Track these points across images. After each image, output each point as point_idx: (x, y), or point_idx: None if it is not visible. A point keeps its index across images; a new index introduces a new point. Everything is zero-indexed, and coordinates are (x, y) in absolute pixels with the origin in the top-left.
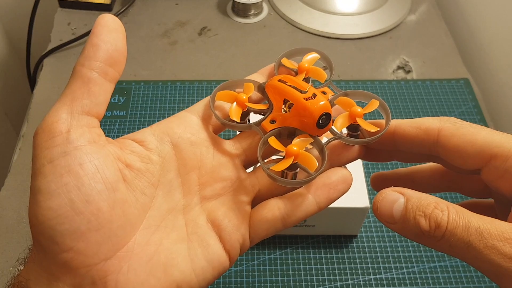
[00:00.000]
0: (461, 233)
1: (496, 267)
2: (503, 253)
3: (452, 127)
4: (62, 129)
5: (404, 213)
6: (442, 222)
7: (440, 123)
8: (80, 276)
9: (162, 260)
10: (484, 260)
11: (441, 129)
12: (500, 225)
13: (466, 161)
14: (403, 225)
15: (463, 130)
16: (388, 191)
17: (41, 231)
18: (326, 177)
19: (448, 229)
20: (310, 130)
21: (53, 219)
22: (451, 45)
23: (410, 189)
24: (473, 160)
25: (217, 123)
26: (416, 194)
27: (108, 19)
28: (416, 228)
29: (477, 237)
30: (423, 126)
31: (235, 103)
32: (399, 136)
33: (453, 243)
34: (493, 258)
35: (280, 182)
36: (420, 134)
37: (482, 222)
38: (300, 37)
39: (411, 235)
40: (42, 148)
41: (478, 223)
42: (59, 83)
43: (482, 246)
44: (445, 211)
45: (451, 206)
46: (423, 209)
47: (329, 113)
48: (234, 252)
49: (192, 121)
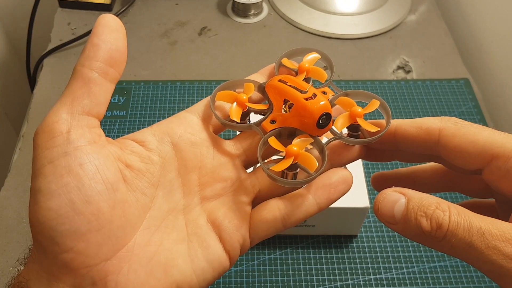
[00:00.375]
0: (463, 233)
1: (498, 268)
2: (504, 254)
3: (454, 127)
4: (63, 129)
5: (405, 214)
6: (444, 223)
7: (441, 123)
8: (81, 276)
9: (162, 261)
10: (486, 260)
11: (442, 129)
12: (501, 226)
13: (467, 161)
14: (404, 226)
15: (465, 130)
16: (389, 191)
17: (41, 232)
18: (326, 178)
19: (450, 230)
20: (310, 130)
21: (54, 220)
22: (451, 45)
23: (411, 190)
24: (474, 160)
25: (217, 123)
26: (417, 194)
27: (109, 19)
28: (418, 229)
29: (478, 237)
30: (424, 126)
31: (235, 103)
32: (400, 136)
33: (455, 243)
34: (495, 258)
35: (280, 182)
36: (421, 134)
37: (483, 222)
38: (300, 37)
39: (412, 236)
40: (43, 148)
41: (479, 224)
42: (59, 83)
43: (484, 247)
44: (447, 212)
45: (453, 206)
46: (425, 209)
47: (329, 113)
48: (234, 252)
49: (193, 121)
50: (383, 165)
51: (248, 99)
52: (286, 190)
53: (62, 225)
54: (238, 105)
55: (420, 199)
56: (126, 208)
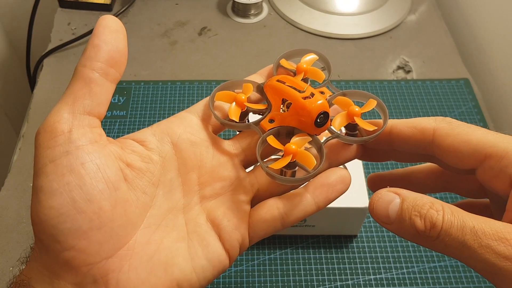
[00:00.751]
0: (456, 232)
1: (491, 266)
2: (497, 252)
3: (447, 127)
4: (64, 129)
5: (399, 213)
6: (437, 222)
7: (435, 123)
8: (82, 274)
9: (162, 259)
10: (479, 259)
11: (436, 129)
12: (494, 225)
13: (461, 161)
14: (399, 225)
15: (458, 130)
16: (384, 191)
17: (43, 230)
18: (324, 177)
19: (443, 229)
20: (308, 129)
21: (55, 218)
22: (451, 45)
23: (405, 190)
24: (468, 159)
25: (216, 123)
26: (411, 194)
27: (110, 20)
28: (412, 228)
29: (472, 236)
30: (419, 126)
31: (234, 103)
32: (395, 136)
33: (448, 242)
34: (488, 257)
35: (279, 180)
36: (415, 134)
37: (476, 221)
38: (300, 37)
39: (407, 235)
40: (44, 148)
41: (472, 223)
42: (59, 83)
43: (477, 246)
44: (440, 211)
45: (446, 206)
46: (419, 209)
47: (327, 112)
48: (233, 251)
49: (192, 121)
50: (383, 166)
51: (247, 99)
52: (285, 189)
53: (64, 223)
54: (237, 105)
55: (414, 199)
56: (127, 207)
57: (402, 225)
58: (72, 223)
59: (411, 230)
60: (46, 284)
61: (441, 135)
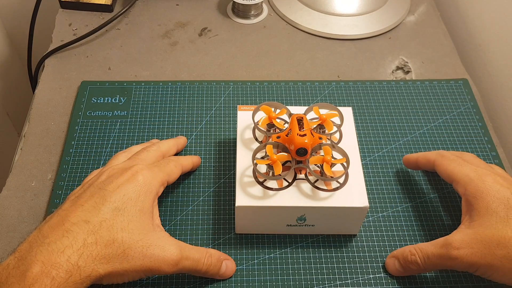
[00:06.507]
0: (428, 259)
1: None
2: (446, 253)
3: (439, 160)
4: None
5: (399, 266)
6: (417, 260)
7: (435, 156)
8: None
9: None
10: (447, 265)
11: (435, 160)
12: (437, 243)
13: (446, 179)
14: (404, 272)
15: (444, 162)
16: (387, 260)
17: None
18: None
19: (421, 262)
20: (293, 154)
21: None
22: (450, 46)
23: (396, 251)
24: (447, 180)
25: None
26: (399, 252)
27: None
28: (410, 269)
29: (434, 256)
30: (427, 157)
31: (266, 115)
32: (420, 163)
33: (429, 265)
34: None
35: (258, 172)
36: (427, 163)
37: (433, 247)
38: (300, 37)
39: (409, 273)
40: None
41: (431, 250)
42: (60, 83)
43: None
44: (415, 254)
45: (418, 249)
46: (407, 258)
47: (306, 148)
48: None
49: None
50: (382, 166)
51: (276, 117)
52: None
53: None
54: (269, 117)
55: (401, 252)
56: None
57: (406, 270)
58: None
59: (411, 270)
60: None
61: (436, 164)
